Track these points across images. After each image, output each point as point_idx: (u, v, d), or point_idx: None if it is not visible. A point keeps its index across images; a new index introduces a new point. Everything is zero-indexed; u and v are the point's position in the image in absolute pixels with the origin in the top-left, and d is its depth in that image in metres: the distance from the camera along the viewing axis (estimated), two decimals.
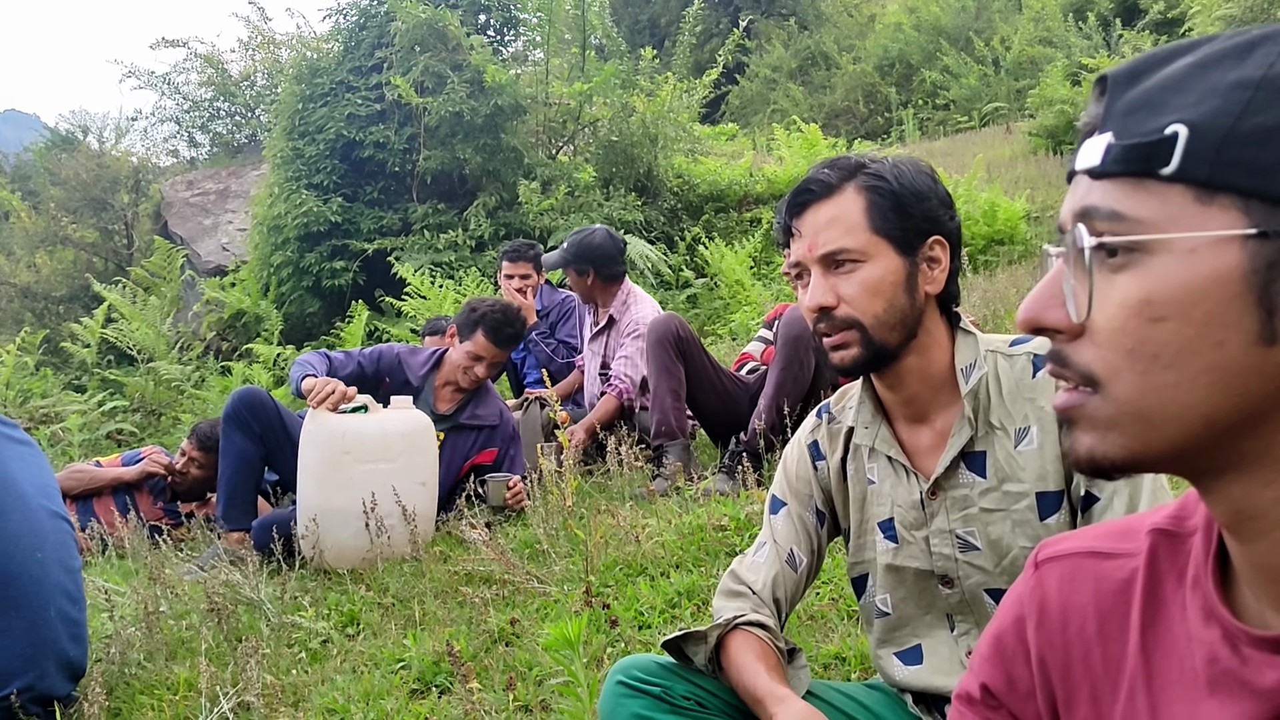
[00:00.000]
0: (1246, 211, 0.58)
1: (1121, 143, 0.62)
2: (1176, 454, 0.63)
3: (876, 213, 1.36)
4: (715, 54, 10.17)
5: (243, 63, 13.80)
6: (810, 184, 1.39)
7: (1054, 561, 0.85)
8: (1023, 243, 7.39)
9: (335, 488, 3.34)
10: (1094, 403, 0.65)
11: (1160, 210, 0.60)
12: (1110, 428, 0.64)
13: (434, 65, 8.47)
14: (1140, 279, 0.61)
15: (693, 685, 1.48)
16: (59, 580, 2.48)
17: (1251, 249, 0.58)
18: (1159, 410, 0.61)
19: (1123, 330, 0.62)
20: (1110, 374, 0.63)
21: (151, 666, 2.74)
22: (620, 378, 4.14)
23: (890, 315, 1.35)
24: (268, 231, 8.76)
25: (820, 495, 1.56)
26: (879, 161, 1.39)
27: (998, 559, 1.37)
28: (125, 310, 9.33)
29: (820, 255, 1.37)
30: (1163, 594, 0.76)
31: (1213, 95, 0.59)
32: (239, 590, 2.98)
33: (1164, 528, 0.77)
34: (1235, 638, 0.67)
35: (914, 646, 1.50)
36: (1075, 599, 0.81)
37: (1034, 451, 1.35)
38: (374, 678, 2.46)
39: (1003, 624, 0.88)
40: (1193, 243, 0.59)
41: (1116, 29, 13.28)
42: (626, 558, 2.92)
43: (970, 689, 0.89)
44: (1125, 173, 0.62)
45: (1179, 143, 0.59)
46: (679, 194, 9.05)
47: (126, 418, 8.29)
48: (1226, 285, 0.58)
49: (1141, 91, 0.63)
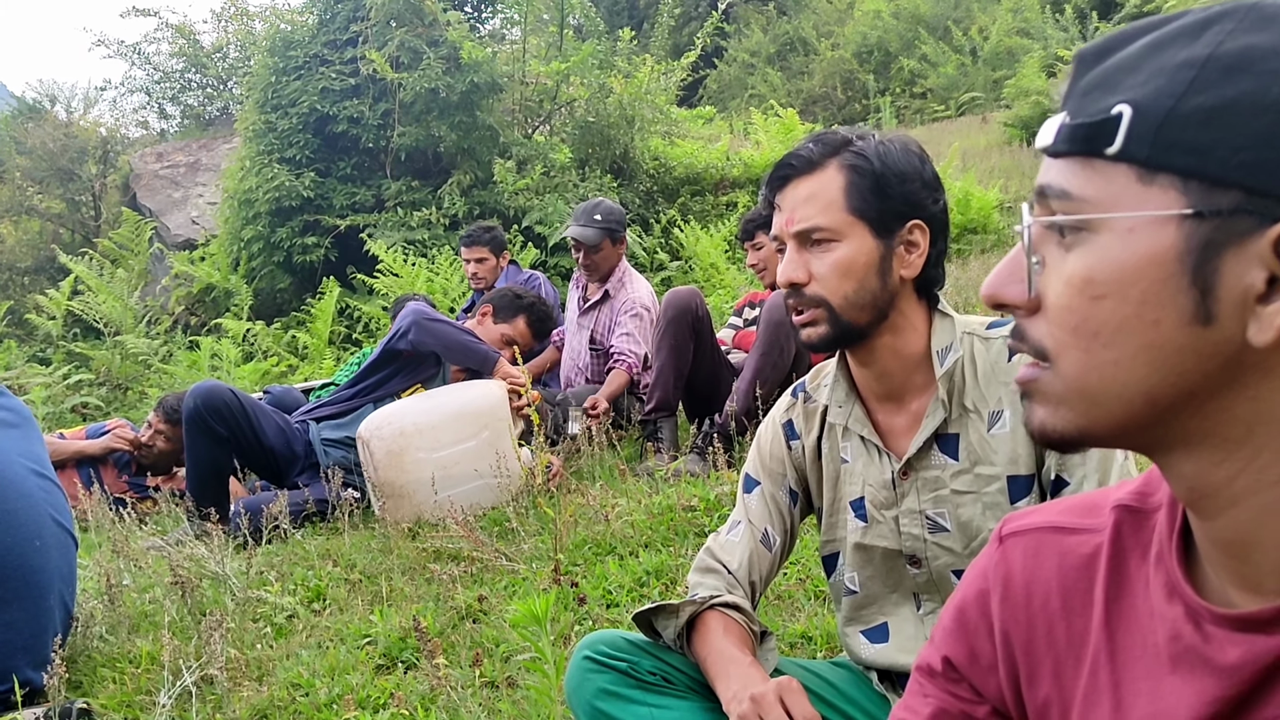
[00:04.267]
0: (1184, 192, 0.58)
1: (1072, 122, 0.63)
2: (1121, 430, 0.64)
3: (855, 192, 1.35)
4: (694, 37, 10.13)
5: (215, 34, 13.63)
6: (793, 159, 1.38)
7: (1018, 536, 0.85)
8: (995, 232, 7.43)
9: (451, 434, 3.42)
10: (1046, 377, 0.66)
11: (1105, 190, 0.61)
12: (1060, 403, 0.65)
13: (410, 40, 8.39)
14: (1084, 257, 0.62)
15: (659, 661, 1.48)
16: (57, 565, 2.45)
17: (1187, 229, 0.58)
18: (1101, 388, 0.62)
19: (1068, 308, 0.63)
20: (1058, 350, 0.64)
21: (113, 640, 2.71)
22: (626, 353, 4.15)
23: (860, 296, 1.35)
24: (239, 205, 8.65)
25: (794, 475, 1.56)
26: (865, 139, 1.38)
27: (967, 541, 1.38)
28: (92, 282, 9.20)
29: (796, 231, 1.36)
30: (1127, 569, 0.76)
31: (1159, 75, 0.59)
32: (204, 564, 2.95)
33: (1128, 503, 0.78)
34: (1198, 614, 0.67)
35: (880, 625, 1.51)
36: (1040, 573, 0.81)
37: (1006, 435, 1.35)
38: (339, 653, 2.45)
39: (966, 597, 0.88)
40: (1131, 222, 0.60)
41: (1093, 22, 13.34)
42: (595, 537, 2.92)
43: (931, 661, 0.89)
44: (1074, 152, 0.63)
45: (1123, 122, 0.59)
46: (655, 176, 9.02)
47: (92, 391, 8.18)
48: (1162, 265, 0.59)
49: (1101, 70, 0.63)
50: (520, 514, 3.14)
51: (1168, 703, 0.69)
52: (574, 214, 4.40)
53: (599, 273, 4.33)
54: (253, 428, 3.64)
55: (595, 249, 4.24)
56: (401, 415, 3.45)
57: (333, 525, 3.42)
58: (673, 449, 3.68)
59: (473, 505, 3.37)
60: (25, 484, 2.46)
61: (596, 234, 4.23)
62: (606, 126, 8.71)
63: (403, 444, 3.37)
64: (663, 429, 3.74)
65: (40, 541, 2.41)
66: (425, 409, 3.49)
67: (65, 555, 2.52)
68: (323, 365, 7.32)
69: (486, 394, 3.52)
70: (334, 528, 3.38)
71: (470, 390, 3.57)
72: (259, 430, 3.65)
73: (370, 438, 3.40)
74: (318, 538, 3.41)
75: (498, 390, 3.54)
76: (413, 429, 3.39)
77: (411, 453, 3.36)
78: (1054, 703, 0.80)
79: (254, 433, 3.64)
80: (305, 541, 3.34)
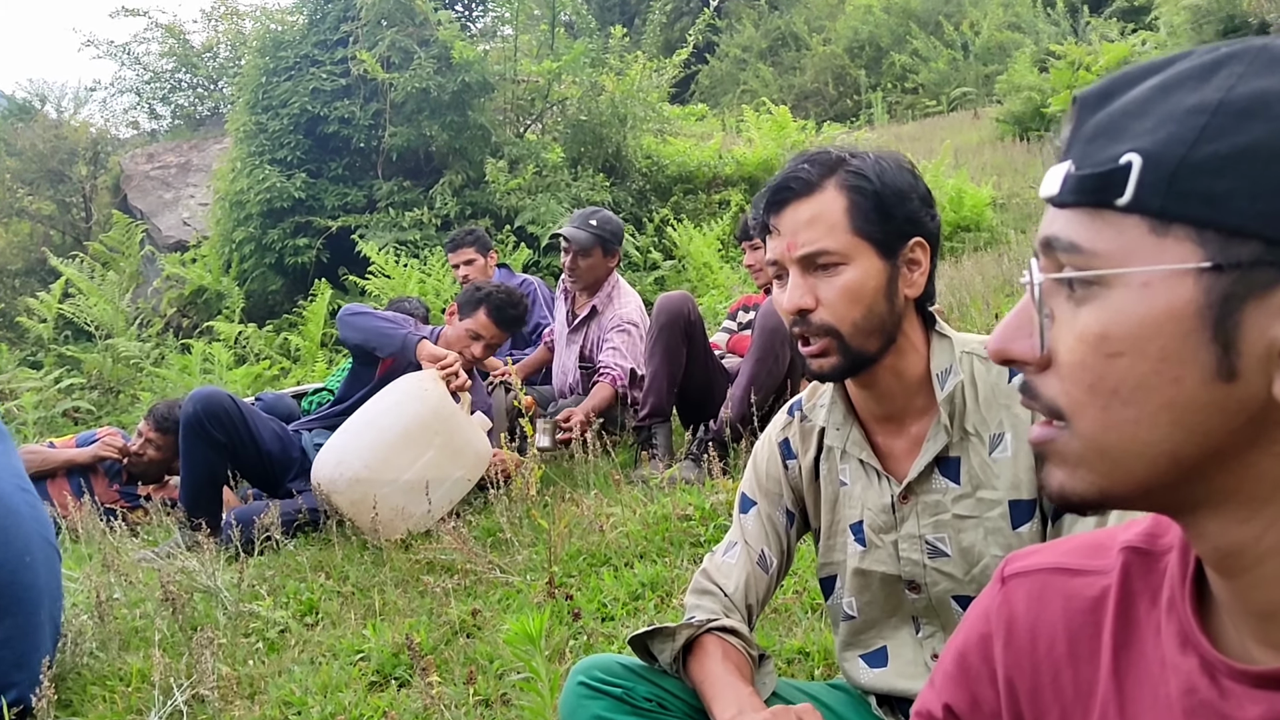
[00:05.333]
0: (1201, 243, 0.55)
1: (1078, 173, 0.60)
2: (1144, 491, 0.61)
3: (858, 213, 1.31)
4: (685, 33, 10.10)
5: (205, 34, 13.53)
6: (790, 180, 1.34)
7: (1021, 577, 0.82)
8: (989, 230, 7.40)
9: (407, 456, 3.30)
10: (1063, 438, 0.63)
11: (1116, 242, 0.58)
12: (1079, 464, 0.62)
13: (400, 40, 8.34)
14: (1098, 313, 0.59)
15: (655, 686, 1.46)
16: (46, 581, 2.43)
17: (1206, 283, 0.55)
18: (1122, 447, 0.60)
19: (1082, 365, 0.60)
20: (1074, 409, 0.61)
21: (104, 657, 2.68)
22: (611, 367, 4.08)
23: (869, 322, 1.32)
24: (230, 207, 8.60)
25: (790, 495, 1.54)
26: (860, 158, 1.35)
27: (968, 567, 1.36)
28: (83, 285, 9.14)
29: (800, 256, 1.32)
30: (1136, 615, 0.74)
31: (1169, 121, 0.57)
32: (195, 578, 2.93)
33: (1137, 545, 0.75)
34: (1214, 668, 0.65)
35: (879, 649, 1.49)
36: (1044, 617, 0.79)
37: (1008, 459, 1.33)
38: (332, 669, 2.42)
39: (968, 640, 0.85)
40: (1146, 276, 0.57)
41: (1084, 16, 13.32)
42: (590, 547, 2.90)
43: (932, 708, 0.87)
44: (1082, 203, 0.60)
45: (1133, 172, 0.57)
46: (647, 175, 8.99)
47: (84, 395, 8.13)
48: (1181, 321, 0.56)
49: (1106, 116, 0.61)
50: (514, 524, 3.11)
51: None
52: (571, 217, 4.34)
53: (584, 280, 4.25)
54: (251, 434, 3.61)
55: (585, 253, 4.18)
56: (349, 458, 3.29)
57: (325, 536, 3.39)
58: (667, 455, 3.66)
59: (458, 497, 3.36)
60: (12, 499, 2.43)
61: (589, 238, 4.17)
62: (599, 125, 8.67)
63: (362, 490, 3.23)
64: (657, 435, 3.71)
65: (30, 557, 2.39)
66: (369, 443, 3.31)
67: (52, 570, 2.50)
68: (314, 368, 7.28)
69: (422, 400, 3.33)
70: (326, 538, 3.36)
71: (405, 404, 3.35)
72: (257, 436, 3.62)
73: (329, 492, 3.28)
74: (310, 548, 3.38)
75: (433, 387, 3.35)
76: (366, 472, 3.25)
77: (374, 491, 3.23)
78: None
79: (252, 438, 3.61)
80: (297, 553, 3.31)
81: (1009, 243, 6.93)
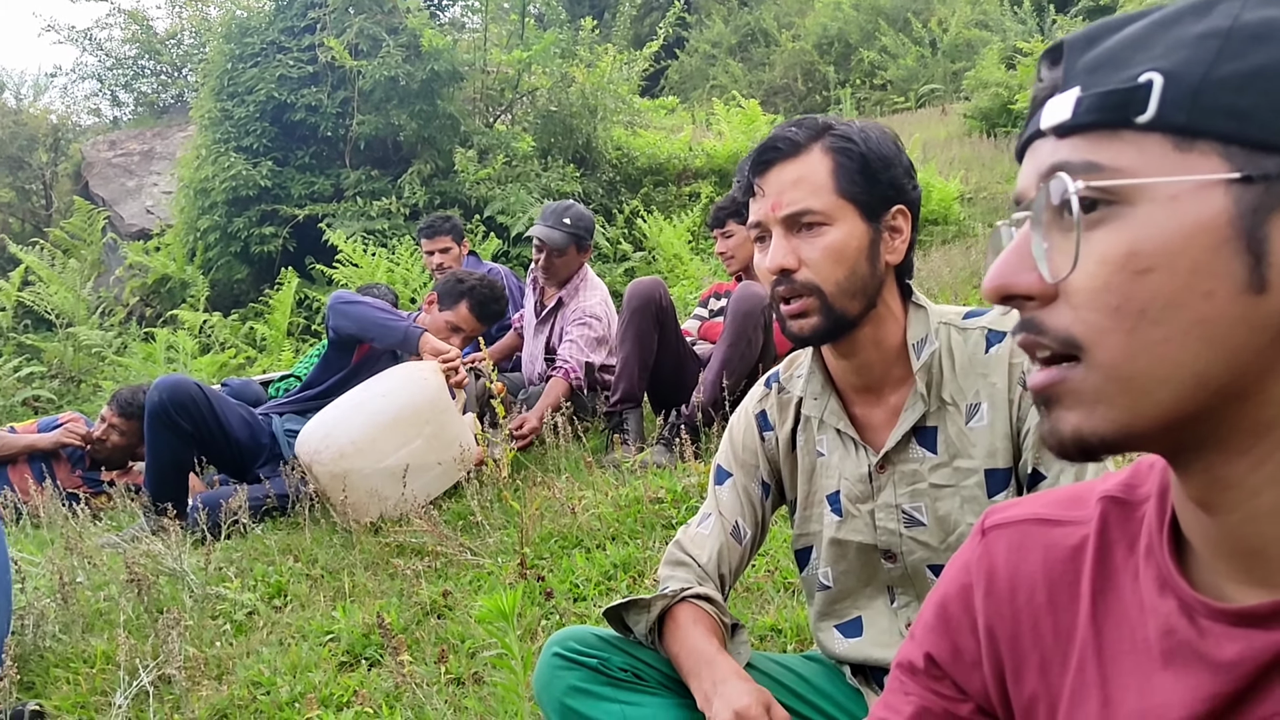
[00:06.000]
0: (1227, 157, 0.56)
1: (1093, 92, 0.60)
2: (1166, 423, 0.60)
3: (843, 175, 1.31)
4: (655, 27, 10.09)
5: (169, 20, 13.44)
6: (776, 141, 1.34)
7: (1001, 528, 0.83)
8: (956, 223, 7.47)
9: (395, 440, 3.28)
10: (1077, 374, 0.61)
11: (1139, 160, 0.58)
12: (1098, 400, 0.61)
13: (369, 28, 8.27)
14: (1122, 231, 0.58)
15: (630, 657, 1.45)
16: None
17: (1235, 194, 0.56)
18: (1149, 371, 0.58)
19: (1106, 287, 0.59)
20: (1093, 336, 0.60)
21: (67, 639, 2.64)
22: (567, 360, 4.05)
23: (851, 283, 1.32)
24: (194, 195, 8.50)
25: (766, 466, 1.54)
26: (847, 124, 1.35)
27: (944, 535, 1.36)
28: (43, 273, 9.00)
29: (784, 215, 1.32)
30: (1114, 562, 0.74)
31: (1181, 46, 0.58)
32: (161, 560, 2.89)
33: (1115, 495, 0.76)
34: (1192, 609, 0.65)
35: (854, 619, 1.49)
36: (1024, 567, 0.80)
37: (984, 428, 1.33)
38: (301, 650, 2.40)
39: (948, 592, 0.86)
40: (1175, 189, 0.57)
41: (1050, 14, 13.45)
42: (562, 530, 2.89)
43: (913, 658, 0.87)
44: (1099, 123, 0.60)
45: (1154, 89, 0.57)
46: (618, 166, 8.98)
47: (44, 384, 8.01)
48: (1212, 232, 0.56)
49: (1103, 50, 0.61)
50: (485, 507, 3.10)
51: (1159, 699, 0.67)
52: (542, 212, 4.28)
53: (558, 277, 4.22)
54: (219, 422, 3.55)
55: (559, 252, 4.14)
56: (337, 433, 3.26)
57: (293, 520, 3.36)
58: (639, 440, 3.65)
59: (432, 493, 3.31)
60: None
61: (563, 238, 4.13)
62: (569, 116, 8.64)
63: (345, 465, 3.21)
64: (628, 420, 3.71)
65: None
66: (360, 423, 3.28)
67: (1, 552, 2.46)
68: (281, 357, 7.21)
69: (422, 388, 3.33)
70: (294, 522, 3.33)
71: (403, 389, 3.34)
72: (225, 424, 3.56)
73: (310, 462, 3.25)
74: (278, 533, 3.35)
75: (432, 377, 3.35)
76: (352, 449, 3.22)
77: (357, 470, 3.20)
78: (1040, 699, 0.78)
79: (220, 427, 3.55)
80: (265, 537, 3.28)
81: (976, 235, 7.00)
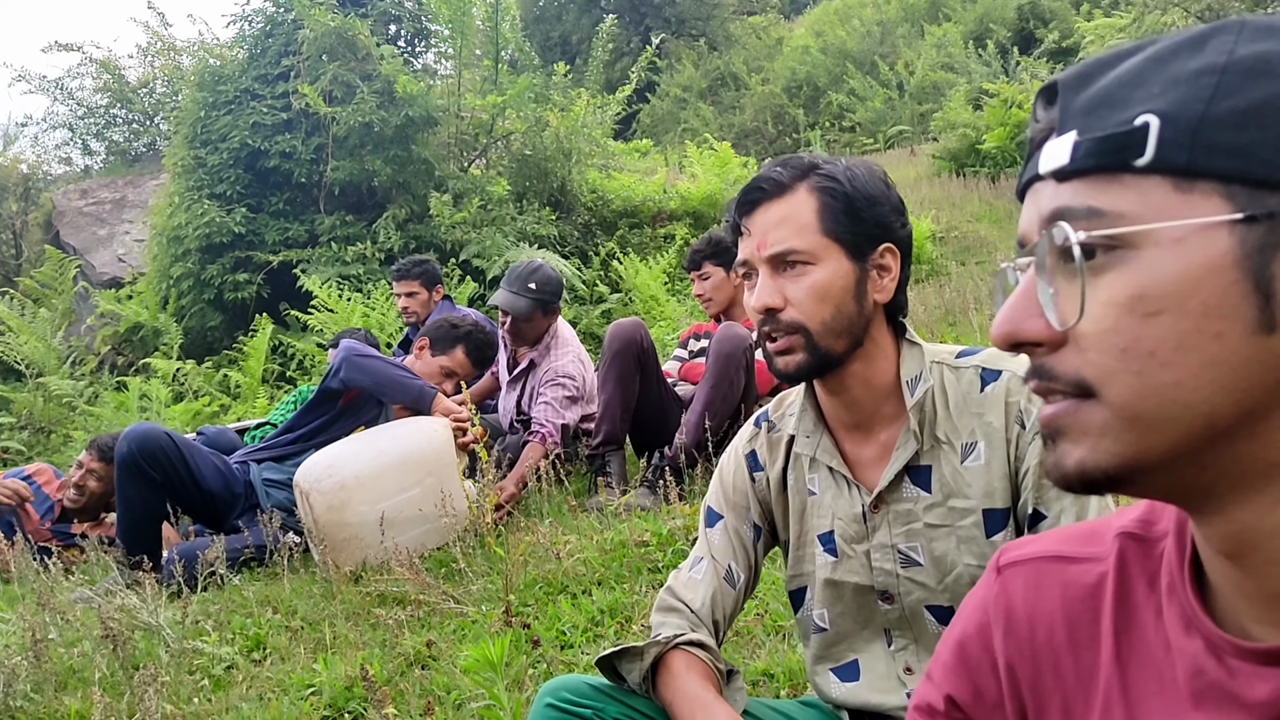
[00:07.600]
0: (1229, 196, 0.56)
1: (1090, 137, 0.60)
2: (1173, 459, 0.59)
3: (828, 215, 1.32)
4: (627, 72, 10.19)
5: (141, 69, 13.36)
6: (762, 182, 1.35)
7: (1017, 566, 0.82)
8: (929, 262, 7.53)
9: (396, 484, 3.30)
10: (1085, 409, 0.61)
11: (1140, 203, 0.58)
12: (1103, 434, 0.60)
13: (343, 74, 8.31)
14: (1128, 275, 0.58)
15: (625, 706, 1.42)
16: None
17: (1240, 234, 0.55)
18: (1158, 411, 0.58)
19: (1114, 330, 0.58)
20: (1104, 378, 0.59)
21: (39, 698, 2.57)
22: (543, 424, 3.95)
23: (837, 322, 1.32)
24: (167, 242, 8.45)
25: (757, 508, 1.52)
26: (832, 162, 1.36)
27: (941, 575, 1.35)
28: (13, 323, 8.90)
29: (769, 255, 1.32)
30: (1134, 600, 0.73)
31: (1177, 84, 0.57)
32: (136, 615, 2.83)
33: (1132, 531, 0.75)
34: (1220, 649, 0.64)
35: (851, 662, 1.47)
36: (1042, 605, 0.78)
37: (981, 468, 1.32)
38: (282, 704, 2.35)
39: (966, 630, 0.84)
40: (1179, 232, 0.57)
41: (1014, 56, 13.72)
42: (547, 576, 2.85)
43: (932, 700, 0.85)
44: (1098, 167, 0.59)
45: (1151, 132, 0.57)
46: (593, 209, 9.02)
47: (14, 435, 7.90)
48: (1220, 273, 0.56)
49: (1097, 90, 0.61)
50: (468, 554, 3.06)
51: None
52: (508, 274, 4.16)
53: (524, 340, 4.14)
54: (190, 471, 3.49)
55: (525, 319, 4.05)
56: (342, 466, 3.29)
57: (272, 570, 3.30)
58: (622, 483, 3.62)
59: (419, 547, 3.27)
60: None
61: (527, 305, 4.01)
62: (543, 159, 8.70)
63: (344, 498, 3.22)
64: (611, 463, 3.68)
65: None
66: (367, 459, 3.32)
67: None
68: (256, 404, 7.14)
69: (431, 438, 3.38)
70: (273, 573, 3.27)
71: (414, 436, 3.40)
72: (196, 474, 3.51)
73: (309, 490, 3.24)
74: (256, 584, 3.29)
75: (442, 432, 3.41)
76: (354, 482, 3.24)
77: (354, 506, 3.21)
78: None
79: (191, 477, 3.49)
80: (243, 588, 3.22)
81: (950, 274, 7.05)
